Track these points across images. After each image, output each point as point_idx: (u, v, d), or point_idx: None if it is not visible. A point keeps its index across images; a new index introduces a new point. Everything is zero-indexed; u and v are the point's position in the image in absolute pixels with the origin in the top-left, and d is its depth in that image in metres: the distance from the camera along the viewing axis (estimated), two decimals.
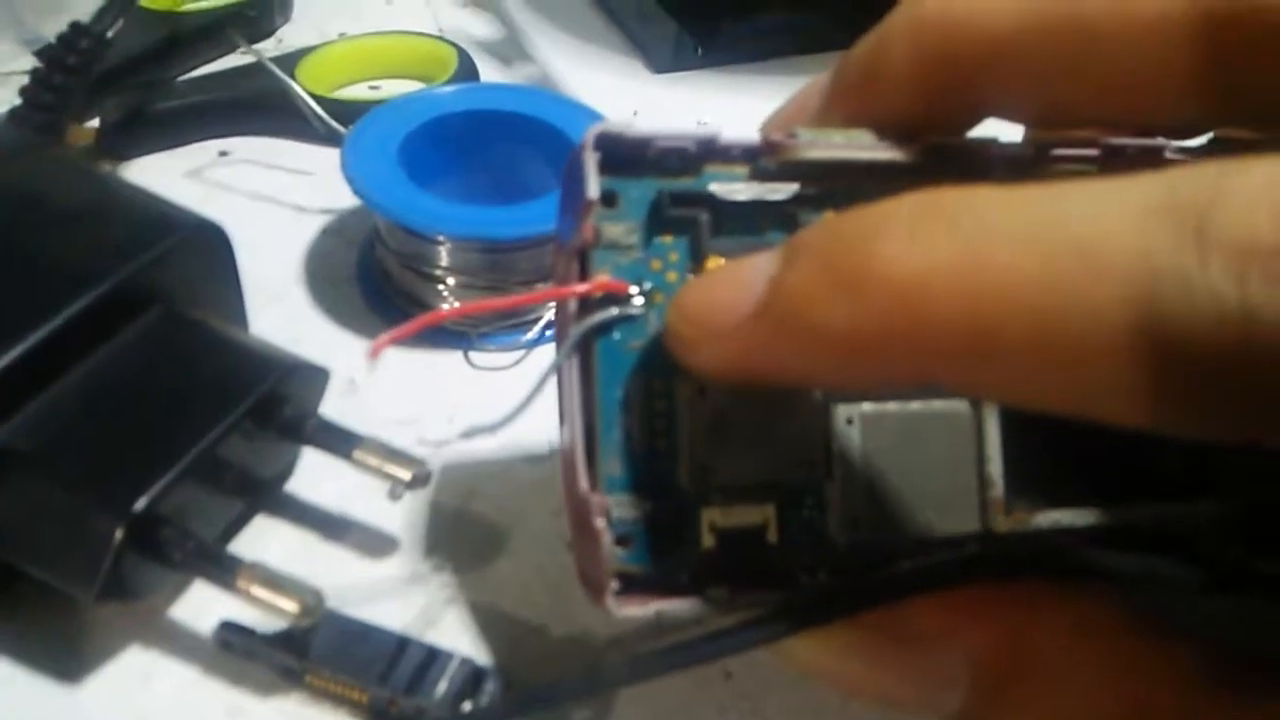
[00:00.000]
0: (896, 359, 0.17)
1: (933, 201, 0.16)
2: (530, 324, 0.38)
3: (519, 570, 0.31)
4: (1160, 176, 0.15)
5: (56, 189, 0.32)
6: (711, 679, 0.29)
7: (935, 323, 0.16)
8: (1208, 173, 0.14)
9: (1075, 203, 0.15)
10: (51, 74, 0.39)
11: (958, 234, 0.16)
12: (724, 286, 0.19)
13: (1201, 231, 0.14)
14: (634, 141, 0.21)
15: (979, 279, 0.15)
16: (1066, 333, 0.14)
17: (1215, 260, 0.13)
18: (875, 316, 0.16)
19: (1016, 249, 0.15)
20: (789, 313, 0.17)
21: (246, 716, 0.27)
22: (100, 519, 0.26)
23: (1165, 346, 0.14)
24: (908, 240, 0.16)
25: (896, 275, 0.16)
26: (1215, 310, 0.13)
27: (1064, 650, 0.19)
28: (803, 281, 0.17)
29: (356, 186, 0.37)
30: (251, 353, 0.31)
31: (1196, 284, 0.13)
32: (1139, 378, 0.14)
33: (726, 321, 0.18)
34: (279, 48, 0.53)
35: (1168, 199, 0.14)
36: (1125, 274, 0.14)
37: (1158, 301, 0.14)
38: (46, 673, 0.28)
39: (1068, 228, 0.15)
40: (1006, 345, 0.15)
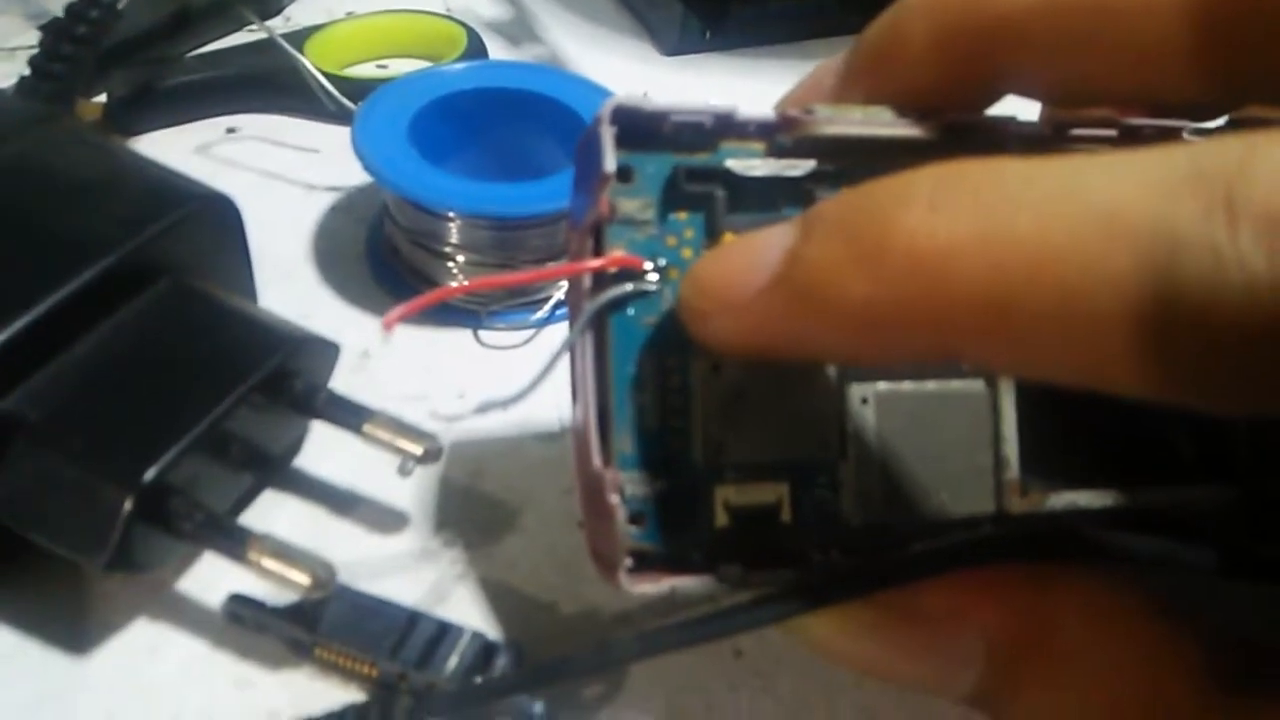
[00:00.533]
0: (916, 331, 0.16)
1: (955, 172, 0.16)
2: (540, 303, 0.38)
3: (530, 548, 0.31)
4: (1186, 148, 0.15)
5: (66, 159, 0.32)
6: (722, 657, 0.29)
7: (956, 293, 0.15)
8: (1234, 144, 0.14)
9: (1098, 173, 0.15)
10: (60, 44, 0.39)
11: (980, 204, 0.15)
12: (739, 258, 0.18)
13: (1230, 201, 0.13)
14: (650, 115, 0.21)
15: (1001, 249, 0.15)
16: (1088, 301, 0.14)
17: (1245, 230, 0.13)
18: (895, 287, 0.16)
19: (1039, 218, 0.15)
20: (806, 284, 0.17)
21: (255, 689, 0.27)
22: (109, 489, 0.26)
23: (1188, 316, 0.14)
24: (929, 210, 0.16)
25: (918, 246, 0.16)
26: (1243, 281, 0.13)
27: (1078, 632, 0.19)
28: (821, 252, 0.17)
29: (367, 163, 0.37)
30: (262, 325, 0.31)
31: (1225, 253, 0.13)
32: (1159, 347, 0.14)
33: (741, 294, 0.18)
34: (287, 25, 0.53)
35: (1194, 169, 0.14)
36: (1149, 241, 0.14)
37: (1182, 270, 0.14)
38: (54, 644, 0.28)
39: (1091, 197, 0.15)
40: (1028, 315, 0.15)
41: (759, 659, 0.29)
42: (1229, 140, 0.14)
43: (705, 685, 0.28)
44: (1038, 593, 0.19)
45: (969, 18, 0.21)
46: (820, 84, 0.24)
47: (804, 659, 0.29)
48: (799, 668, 0.29)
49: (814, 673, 0.29)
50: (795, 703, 0.28)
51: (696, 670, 0.28)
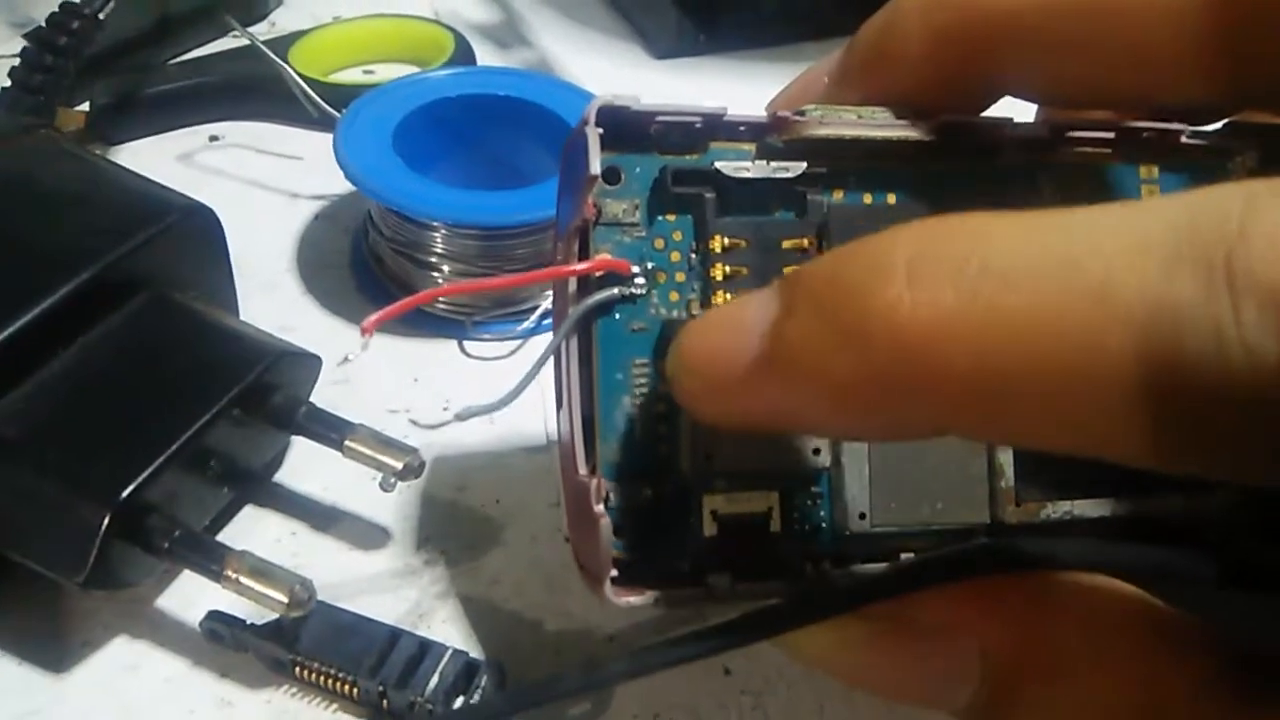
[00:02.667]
0: (905, 409, 0.16)
1: (931, 238, 0.15)
2: (526, 313, 0.38)
3: (513, 563, 0.31)
4: (1180, 205, 0.14)
5: (45, 171, 0.32)
6: (711, 674, 0.28)
7: (942, 372, 0.15)
8: (1233, 201, 0.13)
9: (1087, 236, 0.14)
10: (42, 55, 0.38)
11: (962, 278, 0.15)
12: (723, 334, 0.18)
13: (1231, 275, 0.13)
14: (637, 116, 0.21)
15: (987, 326, 0.14)
16: (1084, 381, 0.14)
17: (1248, 308, 0.12)
18: (880, 368, 0.15)
19: (1026, 292, 0.14)
20: (790, 364, 0.17)
21: (235, 708, 0.27)
22: (86, 506, 0.25)
23: (1191, 395, 0.13)
24: (907, 285, 0.15)
25: (898, 325, 0.15)
26: (1248, 361, 0.12)
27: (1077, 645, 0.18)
28: (803, 332, 0.16)
29: (350, 171, 0.37)
30: (241, 339, 0.30)
31: (1229, 334, 0.13)
32: (1161, 426, 0.13)
33: (728, 374, 0.17)
34: (271, 31, 0.52)
35: (1191, 235, 0.13)
36: (1147, 321, 0.13)
37: (1183, 349, 0.13)
38: (33, 662, 0.27)
39: (1080, 267, 0.14)
40: (1020, 393, 0.14)
41: (748, 676, 0.28)
42: (1226, 193, 0.13)
43: (694, 703, 0.28)
44: (1036, 605, 0.19)
45: (966, 17, 0.21)
46: (813, 85, 0.24)
47: (794, 676, 0.28)
48: (789, 685, 0.28)
49: (804, 690, 0.28)
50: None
51: (685, 688, 0.28)
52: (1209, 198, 0.14)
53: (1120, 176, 0.24)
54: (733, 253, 0.22)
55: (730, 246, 0.21)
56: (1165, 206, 0.14)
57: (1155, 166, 0.24)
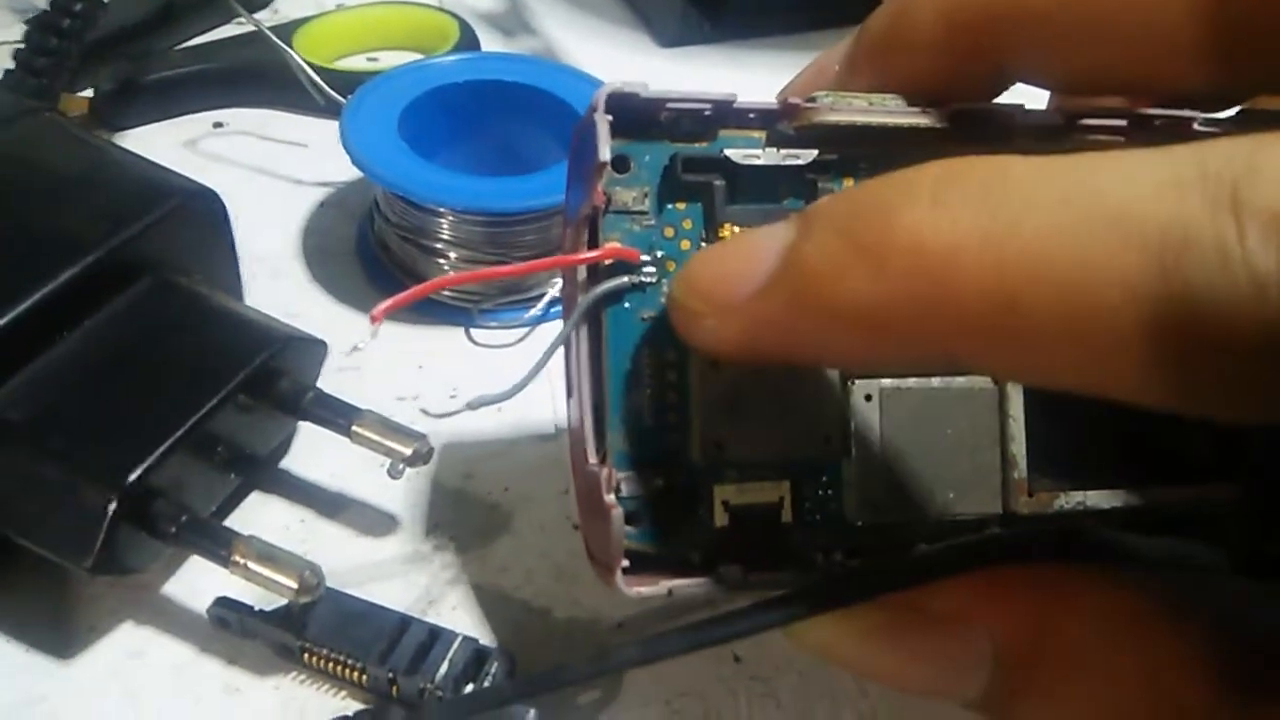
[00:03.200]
0: (918, 333, 0.16)
1: (959, 167, 0.16)
2: (533, 300, 0.38)
3: (523, 552, 0.31)
4: (1192, 147, 0.14)
5: (49, 155, 0.32)
6: (721, 662, 0.28)
7: (961, 293, 0.15)
8: (1241, 142, 0.14)
9: (1106, 171, 0.15)
10: (45, 38, 0.38)
11: (985, 201, 0.15)
12: (734, 257, 0.18)
13: (1237, 201, 0.13)
14: (647, 103, 0.21)
15: (1007, 247, 0.14)
16: (1095, 301, 0.14)
17: (1252, 230, 0.13)
18: (897, 285, 0.15)
19: (1046, 217, 0.14)
20: (805, 284, 0.16)
21: (243, 695, 0.27)
22: (93, 490, 0.25)
23: (1198, 317, 0.13)
24: (933, 206, 0.15)
25: (921, 242, 0.15)
26: (1251, 280, 0.13)
27: (1089, 636, 0.18)
28: (820, 251, 0.16)
29: (356, 157, 0.36)
30: (247, 323, 0.30)
31: (1232, 253, 0.13)
32: (1168, 351, 0.14)
33: (736, 294, 0.17)
34: (275, 18, 0.52)
35: (1200, 169, 0.14)
36: (1158, 241, 0.13)
37: (1190, 269, 0.13)
38: (40, 648, 0.27)
39: (1098, 195, 0.14)
40: (1034, 317, 0.14)
41: (758, 664, 0.28)
42: (1236, 138, 0.14)
43: (704, 691, 0.28)
44: (1047, 596, 0.19)
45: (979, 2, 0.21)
46: (823, 72, 0.24)
47: (804, 664, 0.28)
48: (799, 673, 0.28)
49: (815, 678, 0.28)
50: (796, 709, 0.27)
51: (695, 676, 0.28)
52: (1219, 141, 0.14)
53: None
54: None
55: None
56: (1180, 148, 0.14)
57: None
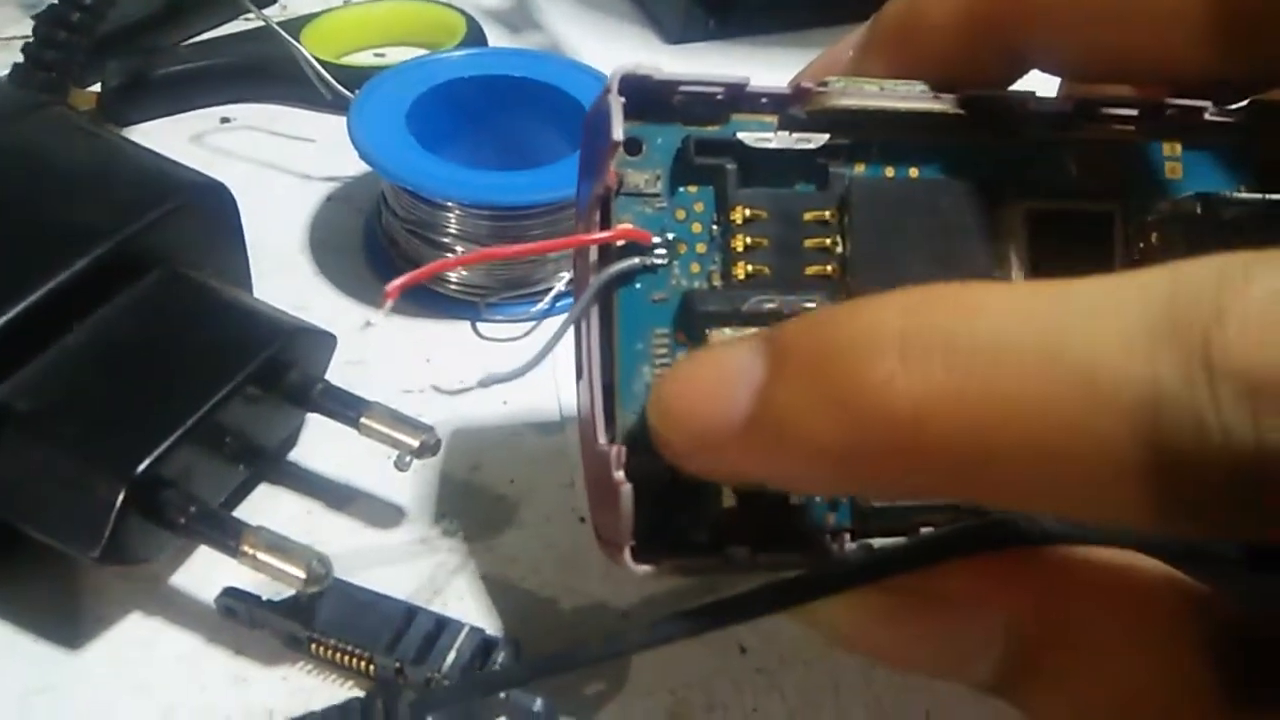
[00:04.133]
0: (894, 477, 0.16)
1: (922, 310, 0.16)
2: (539, 294, 0.38)
3: (529, 542, 0.31)
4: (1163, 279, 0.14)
5: (60, 147, 0.32)
6: (726, 652, 0.28)
7: (935, 447, 0.15)
8: (1206, 284, 0.14)
9: (1077, 316, 0.14)
10: (55, 32, 0.38)
11: (953, 358, 0.15)
12: (706, 391, 0.18)
13: (1208, 360, 0.13)
14: (660, 86, 0.21)
15: (980, 406, 0.15)
16: (1072, 461, 0.14)
17: (1225, 394, 0.13)
18: (869, 438, 0.16)
19: (1017, 376, 0.14)
20: (779, 431, 0.17)
21: (250, 684, 0.27)
22: (102, 480, 0.25)
23: (1175, 473, 0.13)
24: (900, 362, 0.15)
25: (891, 402, 0.15)
26: (1227, 446, 0.13)
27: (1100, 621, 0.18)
28: (792, 399, 0.16)
29: (364, 151, 0.36)
30: (257, 316, 0.30)
31: (1209, 420, 0.13)
32: (1146, 499, 0.14)
33: (713, 433, 0.17)
34: (283, 13, 0.52)
35: (1170, 315, 0.14)
36: (1132, 405, 0.14)
37: (1168, 432, 0.13)
38: (48, 638, 0.27)
39: (1069, 351, 0.14)
40: (1009, 470, 0.15)
41: (764, 655, 0.28)
42: (1205, 269, 0.14)
43: (709, 681, 0.28)
44: (1060, 579, 0.19)
45: None
46: (837, 60, 0.24)
47: (810, 655, 0.28)
48: (805, 663, 0.28)
49: (820, 669, 0.28)
50: (801, 699, 0.27)
51: (700, 666, 0.28)
52: (1187, 273, 0.14)
53: (1144, 154, 0.23)
54: (754, 224, 0.21)
55: (751, 218, 0.21)
56: (1147, 282, 0.14)
57: (1179, 144, 0.24)
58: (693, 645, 0.20)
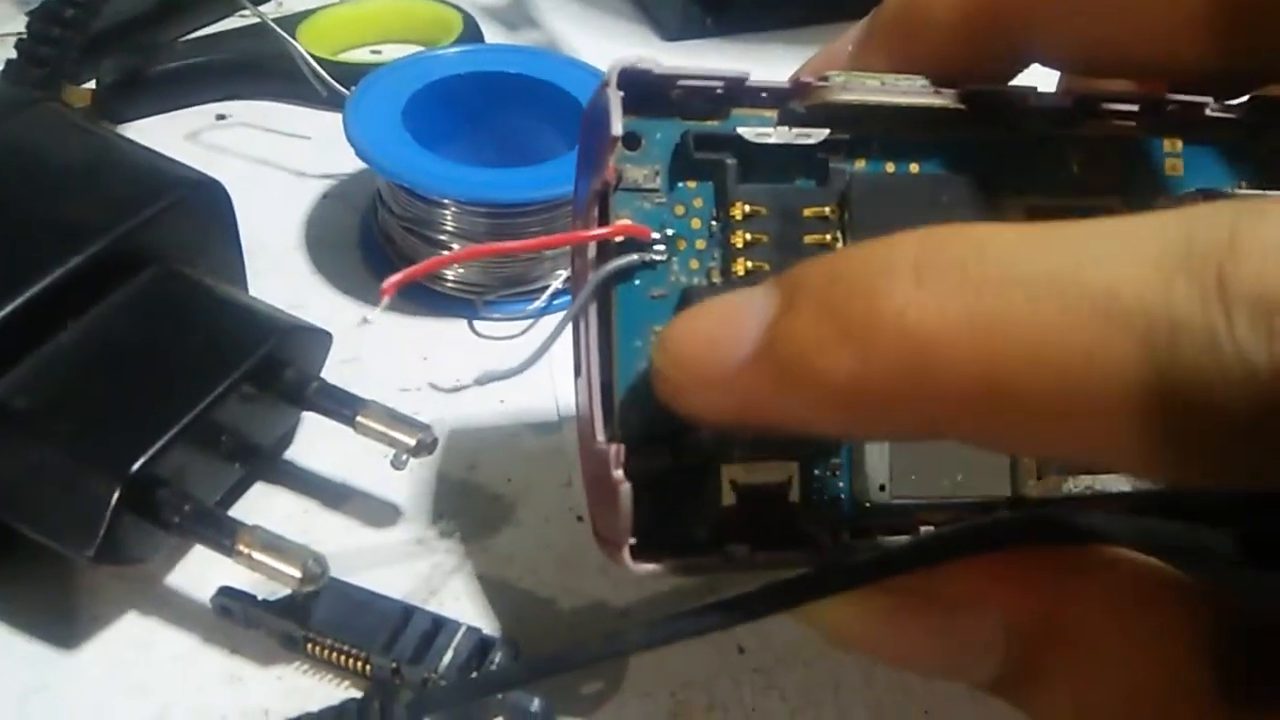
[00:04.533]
0: (904, 411, 0.16)
1: (939, 243, 0.16)
2: (536, 293, 0.37)
3: (525, 542, 0.30)
4: (1177, 218, 0.14)
5: (54, 144, 0.31)
6: (725, 652, 0.28)
7: (948, 376, 0.15)
8: (1223, 216, 0.14)
9: (1090, 249, 0.14)
10: (48, 27, 0.38)
11: (969, 283, 0.15)
12: (715, 327, 0.18)
13: (1223, 285, 0.13)
14: (659, 80, 0.20)
15: (994, 332, 0.15)
16: (1086, 387, 0.14)
17: (1240, 315, 0.13)
18: (884, 367, 0.15)
19: (1032, 301, 0.14)
20: (790, 361, 0.16)
21: (246, 684, 0.27)
22: (97, 479, 0.25)
23: (1190, 402, 0.13)
24: (915, 287, 0.15)
25: (906, 324, 0.15)
26: (1241, 367, 0.13)
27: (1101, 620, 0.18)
28: (804, 328, 0.16)
29: (360, 148, 0.36)
30: (252, 313, 0.30)
31: (1222, 340, 0.13)
32: (1159, 432, 0.14)
33: (719, 368, 0.17)
34: (279, 10, 0.52)
35: (1186, 246, 0.14)
36: (1147, 326, 0.14)
37: (1181, 355, 0.13)
38: (43, 638, 0.27)
39: (1084, 278, 0.14)
40: (1022, 399, 0.14)
41: (763, 655, 0.28)
42: (1219, 212, 0.14)
43: (708, 682, 0.27)
44: (1063, 578, 0.18)
45: None
46: (837, 56, 0.24)
47: (809, 655, 0.28)
48: (804, 664, 0.28)
49: (819, 669, 0.28)
50: (800, 699, 0.27)
51: (698, 667, 0.28)
52: (1202, 212, 0.14)
53: (1145, 149, 0.23)
54: (753, 220, 0.21)
55: (751, 214, 0.21)
56: (1162, 220, 0.14)
57: (1179, 140, 0.24)
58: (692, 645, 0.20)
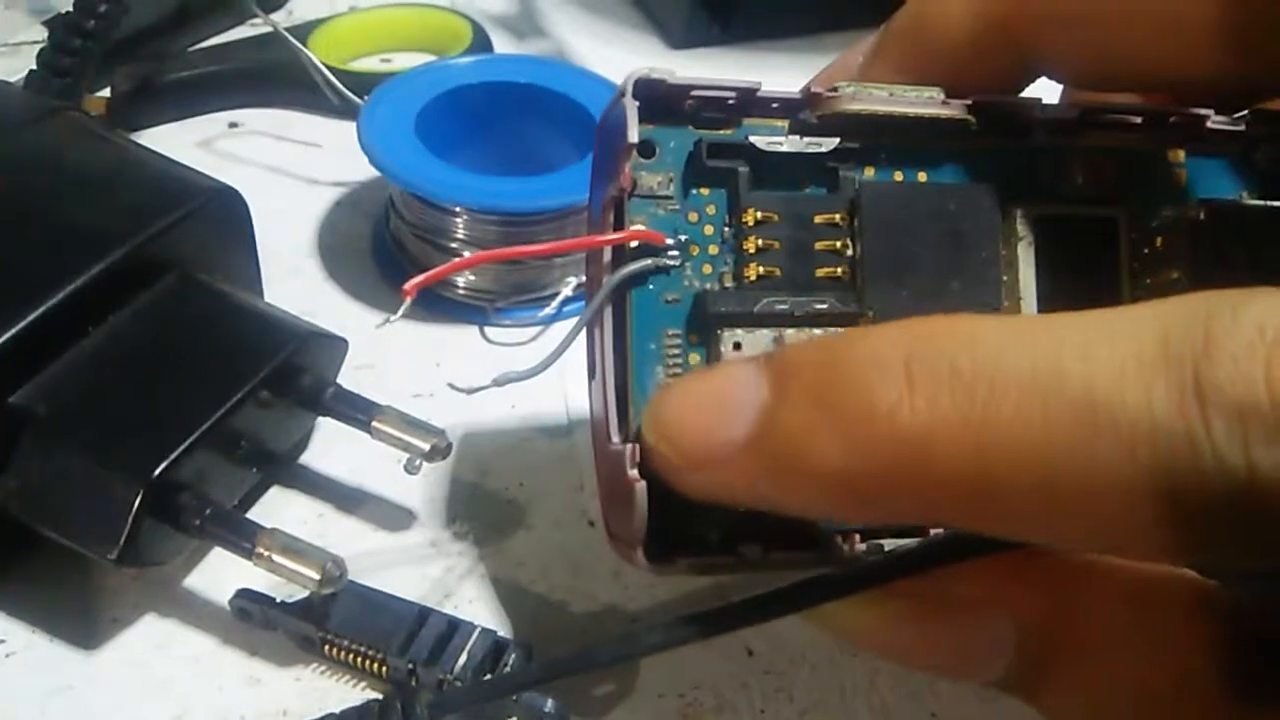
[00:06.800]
0: (896, 502, 0.16)
1: (928, 338, 0.16)
2: (547, 299, 0.38)
3: (538, 546, 0.31)
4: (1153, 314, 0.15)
5: (75, 153, 0.32)
6: (734, 655, 0.28)
7: (940, 473, 0.15)
8: (1197, 316, 0.14)
9: (1072, 346, 0.15)
10: (70, 38, 0.39)
11: (959, 384, 0.15)
12: (706, 409, 0.18)
13: (1200, 389, 0.14)
14: (673, 89, 0.21)
15: (984, 434, 0.15)
16: (1075, 489, 0.15)
17: (1217, 423, 0.14)
18: (876, 463, 0.16)
19: (1019, 405, 0.15)
20: (782, 451, 0.17)
21: (264, 686, 0.27)
22: (119, 483, 0.25)
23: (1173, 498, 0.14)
24: (906, 384, 0.16)
25: (899, 424, 0.15)
26: (1221, 470, 0.14)
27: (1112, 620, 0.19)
28: (798, 422, 0.17)
29: (373, 157, 0.37)
30: (270, 320, 0.31)
31: (1202, 447, 0.14)
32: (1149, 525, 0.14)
33: (711, 452, 0.18)
34: (290, 19, 0.52)
35: (1162, 346, 0.14)
36: (1129, 432, 0.14)
37: (1162, 458, 0.14)
38: (64, 639, 0.28)
39: (1066, 378, 0.15)
40: (1013, 497, 0.15)
41: (771, 658, 0.28)
42: (1194, 306, 0.14)
43: (717, 684, 0.28)
44: (1073, 578, 0.19)
45: None
46: (849, 65, 0.24)
47: (817, 657, 0.28)
48: (812, 666, 0.28)
49: (827, 671, 0.28)
50: (808, 700, 0.28)
51: (708, 669, 0.28)
52: (1177, 309, 0.15)
53: (1149, 160, 0.24)
54: (765, 226, 0.22)
55: (763, 220, 0.22)
56: (1138, 316, 0.15)
57: (1181, 151, 0.24)
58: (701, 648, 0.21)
